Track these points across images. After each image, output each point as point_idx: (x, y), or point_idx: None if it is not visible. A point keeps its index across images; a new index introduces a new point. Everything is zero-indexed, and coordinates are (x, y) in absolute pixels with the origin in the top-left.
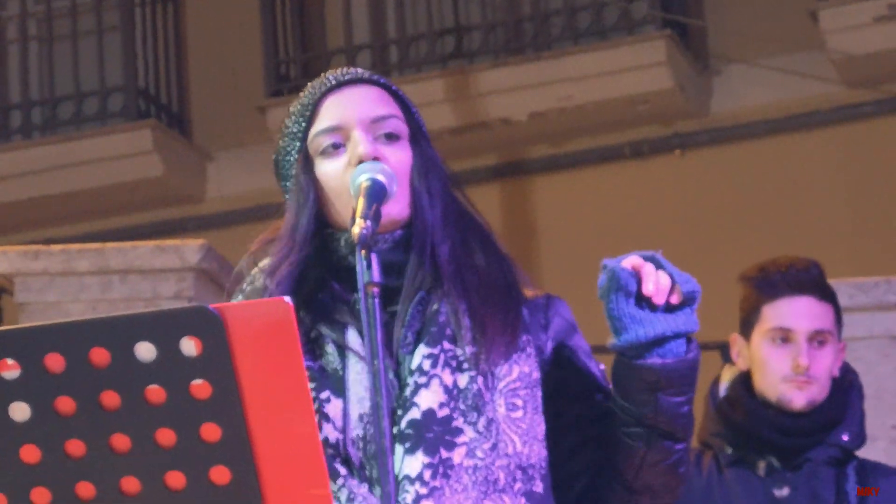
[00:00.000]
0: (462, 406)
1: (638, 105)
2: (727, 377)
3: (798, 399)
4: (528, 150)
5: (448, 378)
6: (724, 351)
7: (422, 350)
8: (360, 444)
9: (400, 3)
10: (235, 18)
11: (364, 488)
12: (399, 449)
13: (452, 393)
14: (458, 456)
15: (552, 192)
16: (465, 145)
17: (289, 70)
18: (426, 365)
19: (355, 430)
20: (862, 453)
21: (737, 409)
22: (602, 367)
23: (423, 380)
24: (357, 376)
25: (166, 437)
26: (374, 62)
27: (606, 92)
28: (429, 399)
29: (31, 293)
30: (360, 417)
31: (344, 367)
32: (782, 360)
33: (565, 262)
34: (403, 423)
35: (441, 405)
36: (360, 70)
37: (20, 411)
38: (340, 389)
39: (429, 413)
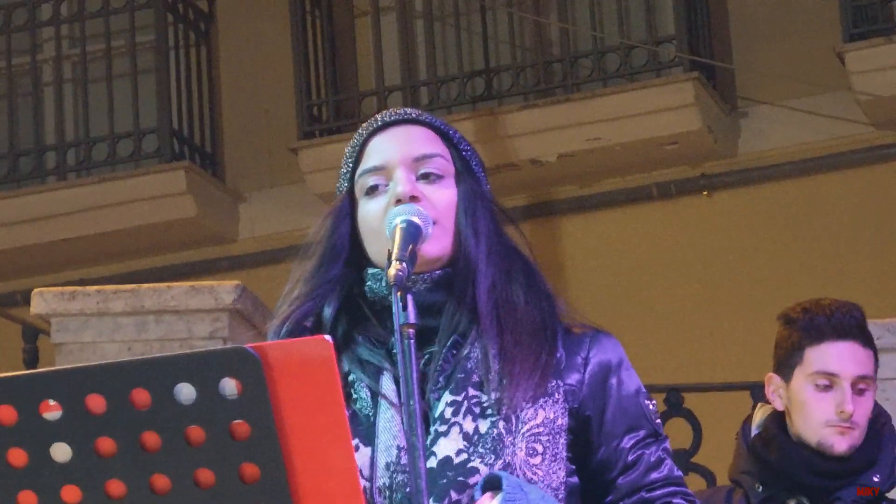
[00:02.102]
0: (481, 450)
1: (666, 146)
2: (759, 416)
3: (840, 444)
4: (557, 190)
5: (469, 425)
6: (754, 392)
7: (446, 398)
8: (387, 493)
9: (430, 45)
10: (268, 60)
11: None
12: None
13: (472, 439)
14: (466, 497)
15: (580, 233)
16: (495, 186)
17: (321, 112)
18: (448, 413)
19: (381, 479)
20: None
21: (771, 448)
22: (653, 403)
23: (443, 428)
24: (387, 424)
25: (206, 476)
26: (406, 103)
27: (634, 133)
28: (447, 448)
29: (67, 333)
30: (387, 466)
31: (375, 414)
32: (826, 404)
33: (593, 301)
34: None
35: (459, 452)
36: (409, 110)
37: (61, 452)
38: (370, 437)
39: (445, 461)
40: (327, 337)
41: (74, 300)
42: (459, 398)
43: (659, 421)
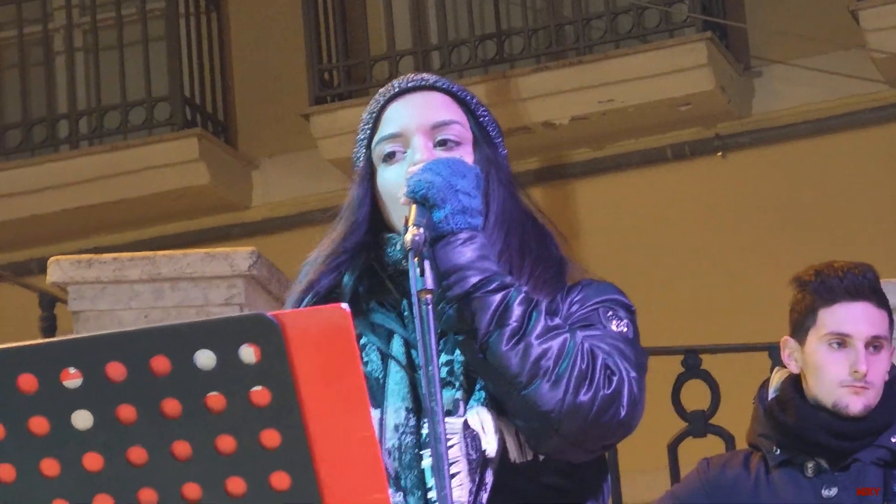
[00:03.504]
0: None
1: (679, 107)
2: (776, 380)
3: (855, 404)
4: (570, 153)
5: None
6: (772, 353)
7: (441, 359)
8: (396, 455)
9: (442, 8)
10: (279, 27)
11: (399, 497)
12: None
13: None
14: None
15: (594, 195)
16: (508, 149)
17: (332, 77)
18: (442, 372)
19: (390, 441)
20: None
21: (787, 411)
22: (622, 319)
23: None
24: (396, 386)
25: (226, 443)
26: (417, 68)
27: (648, 94)
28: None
29: (84, 301)
30: (396, 427)
31: (385, 376)
32: (840, 365)
33: (608, 264)
34: (425, 432)
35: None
36: (426, 75)
37: (82, 419)
38: (379, 399)
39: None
40: (344, 305)
41: (91, 268)
42: (452, 357)
43: (623, 331)
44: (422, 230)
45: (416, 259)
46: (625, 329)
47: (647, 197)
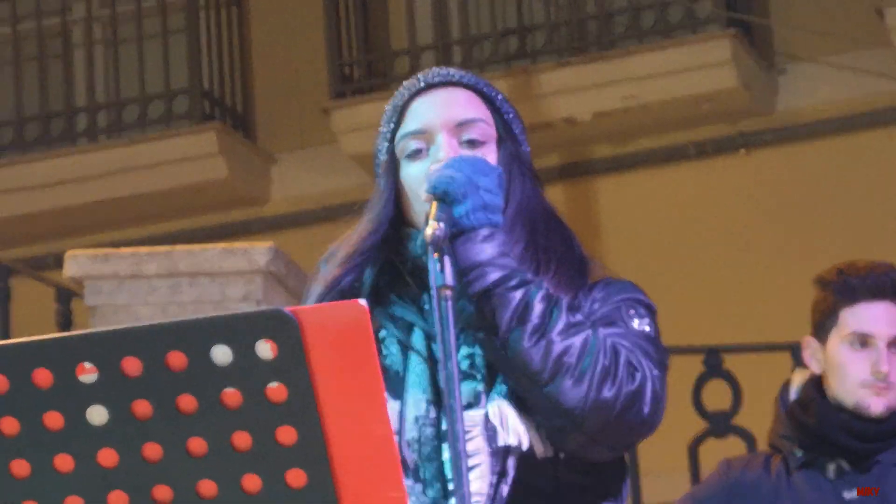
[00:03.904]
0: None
1: (703, 104)
2: (798, 380)
3: (877, 405)
4: (592, 149)
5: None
6: (794, 352)
7: (462, 351)
8: (416, 447)
9: (464, 3)
10: (299, 21)
11: (419, 488)
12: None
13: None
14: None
15: (616, 193)
16: (529, 146)
17: (352, 71)
18: (464, 365)
19: (410, 433)
20: None
21: (809, 412)
22: (644, 318)
23: (460, 377)
24: (416, 378)
25: (243, 440)
26: (438, 62)
27: (671, 91)
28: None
29: (101, 296)
30: (416, 420)
31: (405, 369)
32: (861, 365)
33: (629, 262)
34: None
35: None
36: (451, 71)
37: (98, 415)
38: (399, 391)
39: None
40: (362, 301)
41: (108, 262)
42: (473, 350)
43: (646, 329)
44: (442, 225)
45: (435, 255)
46: (647, 327)
47: (669, 194)
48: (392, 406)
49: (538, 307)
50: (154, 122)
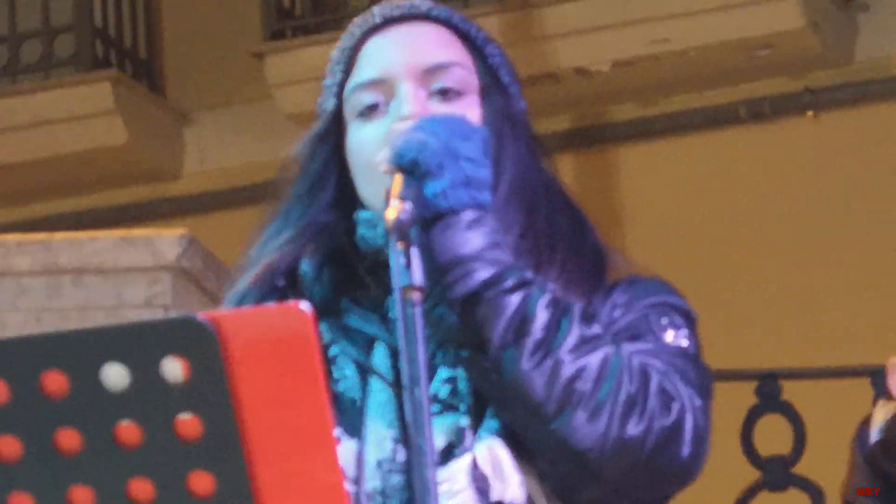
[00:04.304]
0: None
1: (757, 51)
2: (881, 416)
3: None
4: (612, 109)
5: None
6: (875, 379)
7: (441, 374)
8: (379, 500)
9: None
10: None
11: None
12: None
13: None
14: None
15: (642, 165)
16: (530, 103)
17: (294, 3)
18: (442, 393)
19: (371, 482)
20: None
21: (895, 457)
22: (685, 343)
23: (436, 410)
24: (379, 409)
25: (142, 490)
26: None
27: (715, 33)
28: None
29: None
30: (378, 465)
31: (364, 396)
32: None
33: (658, 255)
34: None
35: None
36: (416, 1)
37: None
38: (357, 426)
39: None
40: (305, 304)
41: None
42: (455, 372)
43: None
44: (409, 206)
45: (400, 245)
46: (684, 342)
47: (712, 169)
48: (347, 446)
49: (542, 316)
50: (28, 70)
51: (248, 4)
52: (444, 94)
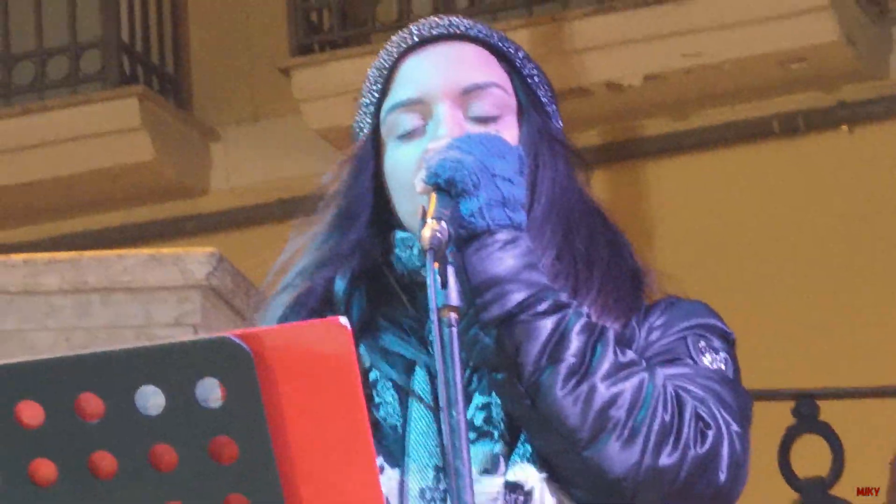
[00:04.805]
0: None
1: (791, 64)
2: None
3: None
4: (643, 124)
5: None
6: None
7: (476, 400)
8: None
9: None
10: None
11: None
12: None
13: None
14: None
15: (674, 181)
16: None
17: (321, 17)
18: (478, 419)
19: None
20: None
21: None
22: (724, 367)
23: (473, 436)
24: (421, 437)
25: None
26: (437, 7)
27: (748, 46)
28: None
29: None
30: (422, 493)
31: (405, 423)
32: None
33: (691, 274)
34: None
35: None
36: (454, 20)
37: None
38: (398, 455)
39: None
40: (343, 318)
41: None
42: (489, 398)
43: (721, 368)
44: (444, 225)
45: (435, 265)
46: (722, 365)
47: (745, 184)
48: (389, 475)
49: (576, 341)
50: (55, 86)
51: (275, 19)
52: (485, 120)
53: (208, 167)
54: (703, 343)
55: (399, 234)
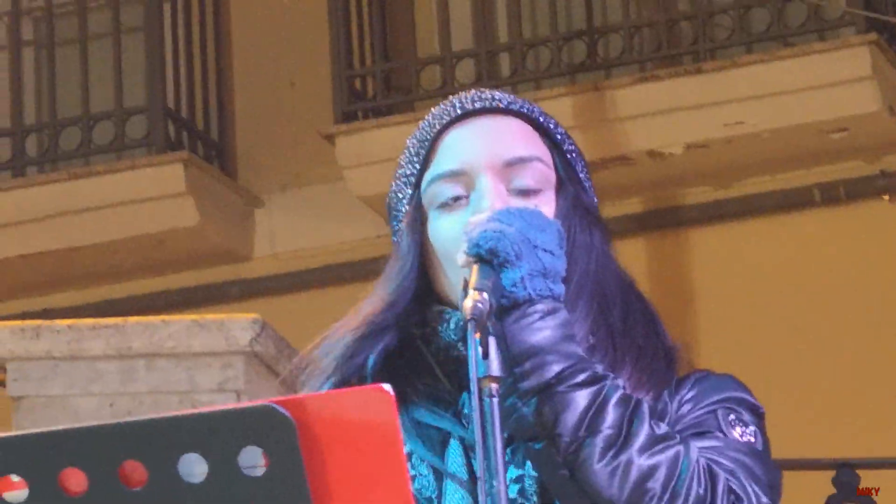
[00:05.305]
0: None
1: (832, 133)
2: None
3: None
4: (685, 192)
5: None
6: None
7: (510, 473)
8: None
9: None
10: (295, 20)
11: None
12: None
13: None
14: None
15: (715, 248)
16: (601, 185)
17: (365, 85)
18: (512, 492)
19: None
20: None
21: None
22: (753, 440)
23: None
24: None
25: None
26: (480, 74)
27: (789, 116)
28: None
29: (28, 384)
30: None
31: (440, 496)
32: None
33: (730, 341)
34: None
35: None
36: (497, 94)
37: None
38: None
39: None
40: (387, 386)
41: (39, 338)
42: (523, 472)
43: (751, 441)
44: (486, 296)
45: (477, 335)
46: (752, 438)
47: (786, 253)
48: None
49: (614, 413)
50: (101, 151)
51: (320, 86)
52: (526, 193)
53: (252, 233)
54: (732, 416)
55: (439, 310)
